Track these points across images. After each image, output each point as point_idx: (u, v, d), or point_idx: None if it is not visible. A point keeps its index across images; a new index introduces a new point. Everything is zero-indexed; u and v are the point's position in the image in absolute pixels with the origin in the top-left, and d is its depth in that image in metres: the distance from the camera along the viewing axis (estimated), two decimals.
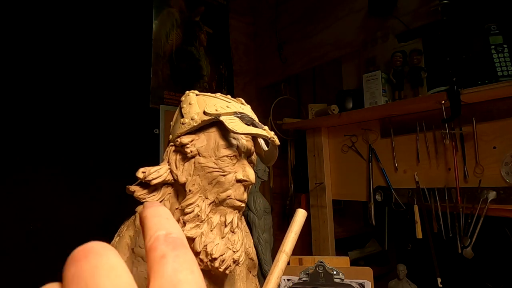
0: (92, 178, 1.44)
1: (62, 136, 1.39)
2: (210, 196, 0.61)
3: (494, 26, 1.12)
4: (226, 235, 0.60)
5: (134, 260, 0.58)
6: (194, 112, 0.63)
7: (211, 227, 0.60)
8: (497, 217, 1.14)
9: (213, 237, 0.59)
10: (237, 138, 0.64)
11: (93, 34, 1.52)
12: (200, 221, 0.59)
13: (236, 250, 0.60)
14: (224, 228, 0.60)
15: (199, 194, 0.61)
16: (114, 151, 1.50)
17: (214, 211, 0.61)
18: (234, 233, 0.61)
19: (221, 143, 0.62)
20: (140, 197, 0.63)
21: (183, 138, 0.63)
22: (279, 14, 2.03)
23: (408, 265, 1.38)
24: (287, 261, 0.73)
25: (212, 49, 1.99)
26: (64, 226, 1.34)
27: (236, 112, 0.62)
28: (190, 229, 0.59)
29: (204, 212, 0.60)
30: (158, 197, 0.63)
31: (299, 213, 0.79)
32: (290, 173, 2.06)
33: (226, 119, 0.60)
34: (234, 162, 0.63)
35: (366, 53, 1.57)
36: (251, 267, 0.79)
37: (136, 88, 1.64)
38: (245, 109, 0.66)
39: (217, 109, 0.61)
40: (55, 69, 1.41)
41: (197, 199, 0.61)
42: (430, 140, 1.29)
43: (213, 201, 0.61)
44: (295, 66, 1.92)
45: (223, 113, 0.61)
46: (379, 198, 1.43)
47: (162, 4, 1.79)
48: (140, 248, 0.60)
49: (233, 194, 0.62)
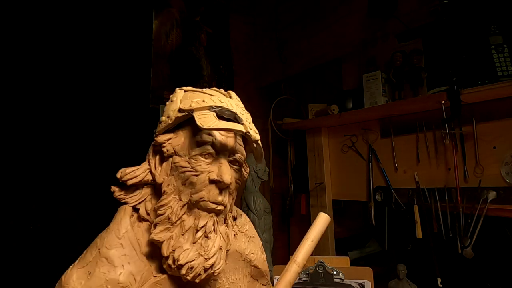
0: (92, 178, 1.44)
1: (62, 136, 1.39)
2: (184, 197, 0.57)
3: (494, 26, 1.12)
4: (198, 240, 0.55)
5: (98, 260, 0.55)
6: (171, 109, 0.61)
7: (182, 231, 0.55)
8: (497, 217, 1.14)
9: (183, 242, 0.54)
10: (213, 134, 0.57)
11: (93, 34, 1.52)
12: (171, 224, 0.55)
13: (208, 257, 0.54)
14: (196, 232, 0.55)
15: (173, 195, 0.57)
16: (114, 151, 1.50)
17: (188, 214, 0.57)
18: (209, 238, 0.56)
19: (194, 140, 0.58)
20: (119, 197, 0.61)
21: (160, 136, 0.61)
22: (279, 14, 2.03)
23: (408, 265, 1.38)
24: (298, 272, 0.67)
25: (212, 49, 1.98)
26: (64, 226, 1.34)
27: (212, 106, 0.57)
28: (159, 232, 0.55)
29: (176, 214, 0.56)
30: (138, 197, 0.61)
31: (320, 218, 0.70)
32: (290, 173, 2.06)
33: (199, 114, 0.56)
34: (209, 161, 0.58)
35: (366, 53, 1.57)
36: (256, 275, 0.72)
37: (136, 88, 1.64)
38: (226, 102, 0.59)
39: (192, 105, 0.58)
40: (55, 69, 1.41)
41: (171, 201, 0.57)
42: (430, 140, 1.29)
43: (187, 203, 0.57)
44: (295, 66, 1.92)
45: (196, 108, 0.57)
46: (379, 198, 1.43)
47: (162, 4, 1.79)
48: (107, 249, 0.56)
49: (206, 195, 0.56)
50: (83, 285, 0.53)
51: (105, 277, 0.53)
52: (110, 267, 0.54)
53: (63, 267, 0.62)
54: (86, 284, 0.53)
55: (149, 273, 0.56)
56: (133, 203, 0.61)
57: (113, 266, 0.54)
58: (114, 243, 0.57)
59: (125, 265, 0.55)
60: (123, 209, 0.61)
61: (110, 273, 0.54)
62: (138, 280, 0.55)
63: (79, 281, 0.54)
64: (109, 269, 0.54)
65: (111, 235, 0.58)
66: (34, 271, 1.26)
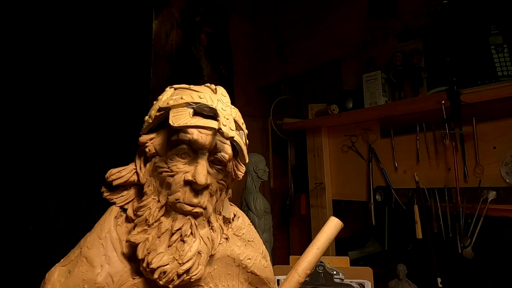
0: (91, 178, 1.43)
1: (62, 136, 1.39)
2: (162, 199, 0.55)
3: (494, 26, 1.12)
4: (174, 244, 0.53)
5: (78, 259, 0.55)
6: (154, 108, 0.59)
7: (159, 233, 0.53)
8: (497, 217, 1.14)
9: (158, 245, 0.52)
10: (190, 132, 0.54)
11: (93, 34, 1.52)
12: (148, 226, 0.54)
13: (182, 262, 0.52)
14: (172, 235, 0.53)
15: (153, 196, 0.56)
16: (114, 151, 1.50)
17: (167, 216, 0.55)
18: (185, 242, 0.53)
19: (171, 139, 0.56)
20: (107, 197, 0.61)
21: (143, 136, 0.60)
22: (279, 14, 2.03)
23: (408, 265, 1.38)
24: (300, 282, 0.64)
25: (212, 49, 1.98)
26: (64, 226, 1.34)
27: (189, 103, 0.55)
28: (136, 234, 0.54)
29: (153, 216, 0.54)
30: (125, 198, 0.61)
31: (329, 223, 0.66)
32: (290, 173, 2.06)
33: (174, 112, 0.54)
34: (186, 161, 0.55)
35: (366, 53, 1.57)
36: (256, 282, 0.68)
37: (136, 88, 1.64)
38: (206, 98, 0.56)
39: (169, 102, 0.56)
40: (55, 69, 1.41)
41: (150, 202, 0.55)
42: (430, 140, 1.29)
43: (165, 205, 0.55)
44: (295, 66, 1.92)
45: (173, 105, 0.55)
46: (379, 198, 1.43)
47: (162, 4, 1.79)
48: (87, 249, 0.55)
49: (182, 197, 0.54)
50: (62, 283, 0.53)
51: (83, 277, 0.53)
52: (89, 267, 0.54)
53: None
54: (64, 282, 0.53)
55: (128, 275, 0.55)
56: (121, 203, 0.61)
57: (92, 266, 0.54)
58: (95, 243, 0.56)
59: (104, 265, 0.54)
60: (110, 210, 0.61)
61: (88, 273, 0.53)
62: (116, 281, 0.54)
63: (59, 278, 0.54)
64: (87, 269, 0.54)
65: (93, 235, 0.58)
66: (34, 271, 1.26)
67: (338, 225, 0.66)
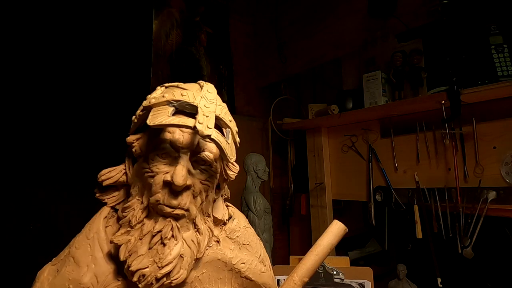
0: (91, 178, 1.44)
1: (62, 136, 1.39)
2: (145, 200, 0.54)
3: (494, 26, 1.12)
4: (154, 247, 0.51)
5: (66, 259, 0.54)
6: (140, 108, 0.59)
7: (141, 235, 0.52)
8: (497, 217, 1.14)
9: (139, 247, 0.51)
10: (172, 131, 0.53)
11: (93, 34, 1.52)
12: (131, 227, 0.53)
13: (161, 265, 0.50)
14: (152, 238, 0.52)
15: (138, 197, 0.55)
16: (114, 151, 1.50)
17: (150, 218, 0.53)
18: (165, 245, 0.51)
19: (152, 139, 0.55)
20: (99, 198, 0.61)
21: (130, 136, 0.59)
22: (279, 14, 2.03)
23: (408, 265, 1.38)
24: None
25: (212, 49, 1.98)
26: (64, 226, 1.34)
27: (170, 101, 0.54)
28: (120, 235, 0.53)
29: (136, 217, 0.53)
30: (116, 198, 0.60)
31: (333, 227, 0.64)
32: (290, 173, 2.06)
33: (154, 111, 0.53)
34: (167, 161, 0.53)
35: (366, 53, 1.57)
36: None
37: (136, 88, 1.64)
38: (188, 95, 0.54)
39: (151, 101, 0.55)
40: (55, 69, 1.41)
41: (134, 203, 0.54)
42: (430, 140, 1.29)
43: (147, 206, 0.54)
44: (295, 66, 1.92)
45: (155, 104, 0.54)
46: (379, 198, 1.43)
47: (162, 4, 1.79)
48: (76, 249, 0.55)
49: (162, 198, 0.52)
50: (49, 282, 0.54)
51: (69, 277, 0.53)
52: (75, 267, 0.54)
53: None
54: (52, 281, 0.53)
55: (113, 276, 0.55)
56: (112, 204, 0.60)
57: (78, 266, 0.54)
58: (83, 243, 0.56)
59: (90, 266, 0.54)
60: (101, 210, 0.61)
61: (74, 273, 0.53)
62: (101, 282, 0.53)
63: (48, 277, 0.54)
64: (73, 269, 0.54)
65: (82, 235, 0.58)
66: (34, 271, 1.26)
67: (342, 229, 0.63)
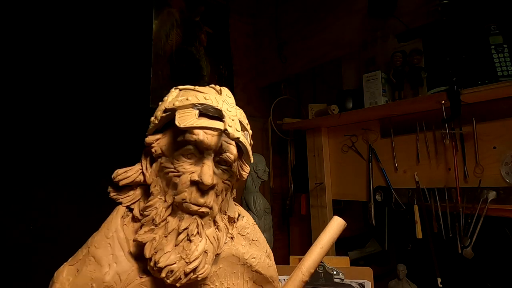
0: (92, 178, 1.44)
1: (62, 137, 1.39)
2: (169, 199, 0.56)
3: (494, 26, 1.12)
4: (180, 243, 0.54)
5: (86, 259, 0.55)
6: (160, 109, 0.60)
7: (166, 233, 0.54)
8: (497, 217, 1.15)
9: (165, 244, 0.53)
10: (196, 133, 0.55)
11: (93, 34, 1.52)
12: (155, 225, 0.55)
13: (189, 261, 0.53)
14: (178, 235, 0.54)
15: (160, 196, 0.57)
16: (114, 151, 1.50)
17: (173, 216, 0.56)
18: (191, 241, 0.54)
19: (176, 140, 0.57)
20: (113, 197, 0.62)
21: (149, 137, 0.61)
22: (279, 14, 2.03)
23: (408, 265, 1.38)
24: (304, 281, 0.65)
25: (212, 49, 1.98)
26: (64, 226, 1.34)
27: (195, 104, 0.56)
28: (144, 233, 0.55)
29: (160, 216, 0.55)
30: (132, 198, 0.61)
31: (333, 222, 0.68)
32: (290, 173, 2.06)
33: (180, 113, 0.55)
34: (192, 161, 0.56)
35: (366, 53, 1.57)
36: (260, 281, 0.69)
37: (136, 88, 1.64)
38: (212, 99, 0.57)
39: (175, 103, 0.57)
40: (55, 69, 1.41)
41: (156, 202, 0.56)
42: (430, 140, 1.29)
43: (171, 205, 0.56)
44: (295, 66, 1.92)
45: (179, 106, 0.56)
46: (379, 198, 1.43)
47: (162, 4, 1.79)
48: (95, 248, 0.56)
49: (188, 197, 0.55)
50: (70, 282, 0.54)
51: (91, 276, 0.54)
52: (97, 266, 0.54)
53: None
54: (73, 281, 0.54)
55: (135, 274, 0.56)
56: (127, 203, 0.61)
57: (100, 265, 0.55)
58: (102, 242, 0.57)
59: (112, 264, 0.55)
60: (117, 209, 0.62)
61: (96, 272, 0.54)
62: (124, 279, 0.55)
63: (68, 277, 0.54)
64: (95, 268, 0.54)
65: (101, 234, 0.58)
66: (34, 271, 1.26)
67: (342, 224, 0.66)
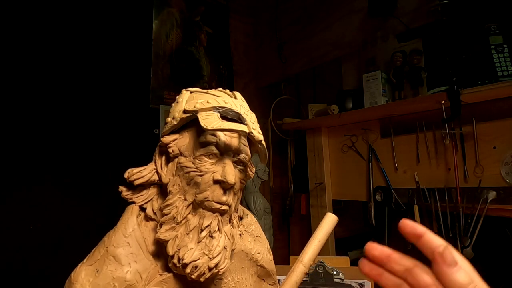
0: (92, 178, 1.44)
1: (62, 137, 1.39)
2: (189, 197, 0.58)
3: (494, 26, 1.12)
4: (203, 240, 0.56)
5: (106, 258, 0.56)
6: (177, 110, 0.62)
7: (187, 230, 0.56)
8: (497, 217, 1.14)
9: (188, 241, 0.55)
10: (217, 135, 0.58)
11: (93, 34, 1.52)
12: (176, 223, 0.56)
13: (213, 256, 0.55)
14: (201, 232, 0.56)
15: (179, 195, 0.58)
16: (114, 151, 1.50)
17: (193, 214, 0.58)
18: (213, 237, 0.56)
19: (199, 141, 0.59)
20: (126, 197, 0.63)
21: (166, 137, 0.62)
22: (279, 14, 2.03)
23: None
24: (305, 272, 0.67)
25: (212, 49, 1.99)
26: (64, 226, 1.34)
27: (216, 107, 0.58)
28: (165, 231, 0.56)
29: (181, 214, 0.57)
30: (145, 197, 0.63)
31: (327, 218, 0.71)
32: (290, 173, 2.06)
33: (203, 115, 0.57)
34: (213, 161, 0.59)
35: (366, 53, 1.57)
36: (263, 275, 0.73)
37: (136, 88, 1.64)
38: (230, 102, 0.60)
39: (196, 106, 0.59)
40: (55, 69, 1.41)
41: (176, 200, 0.58)
42: (430, 140, 1.29)
43: (192, 203, 0.58)
44: (295, 66, 1.92)
45: (200, 108, 0.58)
46: (379, 198, 1.43)
47: (162, 4, 1.79)
48: (114, 248, 0.57)
49: (211, 195, 0.57)
50: (91, 282, 0.54)
51: (112, 275, 0.54)
52: (117, 265, 0.55)
53: (63, 268, 0.62)
54: (94, 282, 0.54)
55: (155, 272, 0.58)
56: (140, 203, 0.62)
57: (120, 264, 0.55)
58: (121, 241, 0.58)
59: (132, 263, 0.56)
60: (130, 209, 0.63)
61: (117, 271, 0.55)
62: (145, 278, 0.56)
63: (87, 278, 0.55)
64: (116, 267, 0.55)
65: (118, 234, 0.59)
66: (34, 271, 1.26)
67: (335, 220, 0.69)
